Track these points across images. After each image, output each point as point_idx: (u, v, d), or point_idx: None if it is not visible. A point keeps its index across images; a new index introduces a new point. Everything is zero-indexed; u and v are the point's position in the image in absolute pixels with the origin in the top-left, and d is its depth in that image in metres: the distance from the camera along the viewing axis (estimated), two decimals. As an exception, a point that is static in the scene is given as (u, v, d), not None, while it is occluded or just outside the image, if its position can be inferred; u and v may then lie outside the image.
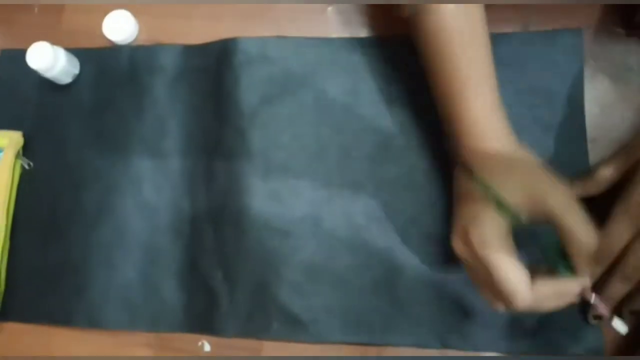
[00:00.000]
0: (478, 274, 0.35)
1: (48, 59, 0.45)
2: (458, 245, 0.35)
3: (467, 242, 0.34)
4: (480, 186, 0.33)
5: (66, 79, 0.48)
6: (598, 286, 0.37)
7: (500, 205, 0.33)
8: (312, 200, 0.45)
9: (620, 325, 0.35)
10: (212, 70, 0.47)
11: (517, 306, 0.32)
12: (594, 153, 0.42)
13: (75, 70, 0.49)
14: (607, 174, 0.37)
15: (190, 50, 0.48)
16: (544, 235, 0.33)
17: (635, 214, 0.35)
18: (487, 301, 0.35)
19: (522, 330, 0.41)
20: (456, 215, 0.37)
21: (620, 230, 0.35)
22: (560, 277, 0.33)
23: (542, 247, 0.33)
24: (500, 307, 0.34)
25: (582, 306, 0.40)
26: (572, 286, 0.33)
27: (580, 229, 0.32)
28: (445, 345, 0.42)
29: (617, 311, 0.38)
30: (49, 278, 0.47)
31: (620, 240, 0.36)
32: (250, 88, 0.46)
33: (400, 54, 0.45)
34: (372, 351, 0.43)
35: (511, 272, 0.32)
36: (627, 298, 0.38)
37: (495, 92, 0.37)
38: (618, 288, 0.36)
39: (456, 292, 0.42)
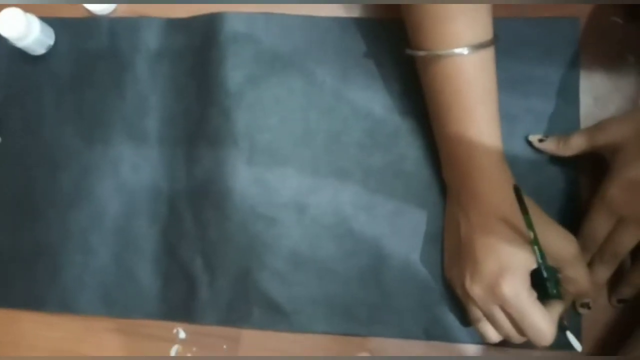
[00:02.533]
0: (496, 316, 0.36)
1: (20, 27, 0.43)
2: (478, 292, 0.36)
3: (495, 292, 0.35)
4: (527, 227, 0.35)
5: (40, 50, 0.46)
6: None
7: (536, 245, 0.35)
8: (298, 186, 0.43)
9: (574, 341, 0.38)
10: (197, 46, 0.45)
11: (543, 344, 0.35)
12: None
13: (50, 40, 0.46)
14: (579, 142, 0.39)
15: (174, 25, 0.46)
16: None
17: (611, 207, 0.37)
18: (486, 333, 0.38)
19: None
20: (474, 262, 0.37)
21: (601, 221, 0.37)
22: (550, 301, 0.36)
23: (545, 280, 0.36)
24: (515, 340, 0.37)
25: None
26: (561, 309, 0.37)
27: (584, 278, 0.36)
28: (429, 337, 0.41)
29: (608, 299, 0.41)
30: (20, 261, 0.44)
31: (601, 231, 0.38)
32: (236, 66, 0.44)
33: (393, 37, 0.43)
34: (355, 342, 0.42)
35: (543, 320, 0.35)
36: (614, 287, 0.40)
37: (501, 146, 0.38)
38: (600, 273, 0.39)
39: (442, 284, 0.41)
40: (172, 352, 0.43)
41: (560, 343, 0.40)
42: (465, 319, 0.40)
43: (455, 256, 0.39)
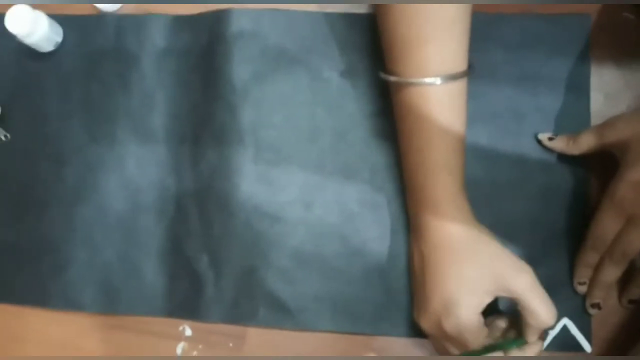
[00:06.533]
0: (449, 350, 0.37)
1: (28, 24, 0.43)
2: (426, 327, 0.38)
3: (440, 328, 0.36)
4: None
5: (48, 47, 0.46)
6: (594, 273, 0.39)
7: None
8: (304, 183, 0.43)
9: (584, 342, 0.38)
10: (203, 43, 0.45)
11: None
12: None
13: (58, 37, 0.46)
14: (588, 140, 0.39)
15: (181, 21, 0.46)
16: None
17: (621, 207, 0.36)
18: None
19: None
20: (425, 298, 0.37)
21: (610, 220, 0.37)
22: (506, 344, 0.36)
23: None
24: None
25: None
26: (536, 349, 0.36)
27: (542, 310, 0.34)
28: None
29: (619, 299, 0.40)
30: (24, 256, 0.45)
31: (611, 230, 0.37)
32: (242, 63, 0.44)
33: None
34: (360, 340, 0.41)
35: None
36: (624, 288, 0.40)
37: (461, 180, 0.37)
38: (609, 273, 0.38)
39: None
40: (178, 350, 0.43)
41: (570, 344, 0.39)
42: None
43: (415, 283, 0.39)
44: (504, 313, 0.38)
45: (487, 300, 0.35)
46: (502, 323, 0.38)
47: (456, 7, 0.35)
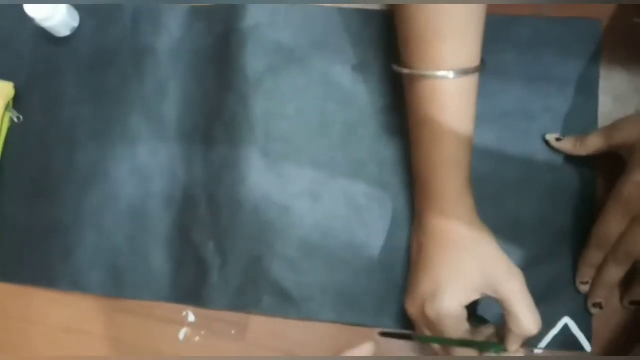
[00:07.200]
0: (428, 336, 0.38)
1: (47, 8, 0.44)
2: (411, 311, 0.38)
3: (423, 312, 0.37)
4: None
5: (65, 32, 0.46)
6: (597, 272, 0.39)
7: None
8: (313, 175, 0.43)
9: (584, 341, 0.39)
10: (218, 33, 0.46)
11: None
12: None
13: (75, 23, 0.47)
14: (596, 141, 0.39)
15: (197, 12, 0.46)
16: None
17: (627, 207, 0.36)
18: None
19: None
20: (415, 282, 0.38)
21: (615, 221, 0.37)
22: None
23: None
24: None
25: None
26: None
27: (526, 317, 0.34)
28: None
29: (621, 300, 0.40)
30: (34, 237, 0.45)
31: (615, 229, 0.37)
32: (256, 54, 0.45)
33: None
34: (362, 331, 0.42)
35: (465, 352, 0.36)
36: (627, 289, 0.40)
37: (469, 172, 0.38)
38: (612, 273, 0.38)
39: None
40: (181, 335, 0.43)
41: (570, 343, 0.40)
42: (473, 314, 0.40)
43: (410, 272, 0.40)
44: (491, 323, 0.38)
45: (474, 296, 0.36)
46: (487, 330, 0.38)
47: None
